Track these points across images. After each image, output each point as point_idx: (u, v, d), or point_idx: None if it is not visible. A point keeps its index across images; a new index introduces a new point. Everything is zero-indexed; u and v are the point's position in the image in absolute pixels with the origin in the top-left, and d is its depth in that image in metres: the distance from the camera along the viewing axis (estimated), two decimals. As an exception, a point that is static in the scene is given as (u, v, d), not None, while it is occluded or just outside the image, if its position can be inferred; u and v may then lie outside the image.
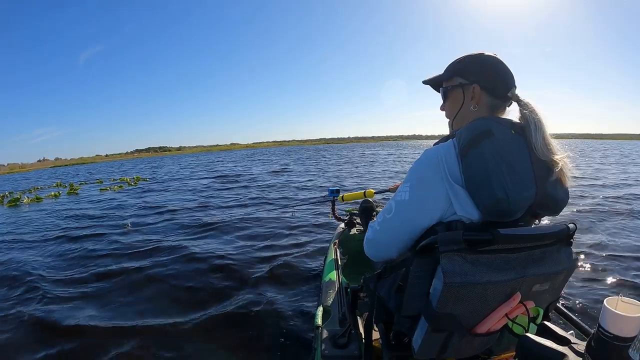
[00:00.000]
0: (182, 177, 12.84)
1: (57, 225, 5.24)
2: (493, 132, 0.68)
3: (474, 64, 0.81)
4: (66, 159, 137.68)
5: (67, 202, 8.27)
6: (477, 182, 0.66)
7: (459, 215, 0.68)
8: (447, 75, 0.86)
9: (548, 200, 0.70)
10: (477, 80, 0.79)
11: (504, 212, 0.66)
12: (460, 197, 0.68)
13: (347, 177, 9.72)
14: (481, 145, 0.66)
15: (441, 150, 0.71)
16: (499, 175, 0.64)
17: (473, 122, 0.72)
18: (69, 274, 2.98)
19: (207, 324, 2.04)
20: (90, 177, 17.22)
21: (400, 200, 0.75)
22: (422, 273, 0.69)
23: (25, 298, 2.52)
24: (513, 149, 0.68)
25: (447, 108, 0.87)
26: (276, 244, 3.53)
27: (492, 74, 0.79)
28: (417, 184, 0.73)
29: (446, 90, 0.86)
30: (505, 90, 0.77)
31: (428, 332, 0.68)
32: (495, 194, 0.64)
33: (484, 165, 0.65)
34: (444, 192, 0.69)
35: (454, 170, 0.68)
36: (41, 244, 4.16)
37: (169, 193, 8.35)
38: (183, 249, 3.39)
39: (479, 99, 0.79)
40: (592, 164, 12.22)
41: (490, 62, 0.80)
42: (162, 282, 2.66)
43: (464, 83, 0.81)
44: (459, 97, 0.82)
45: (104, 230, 4.57)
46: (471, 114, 0.80)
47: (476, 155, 0.66)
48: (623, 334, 0.50)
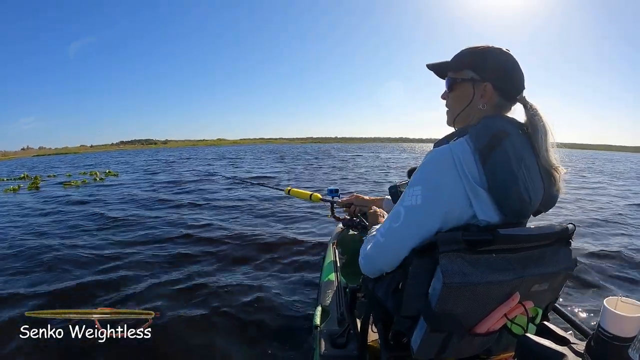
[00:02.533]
0: (154, 171, 12.58)
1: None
2: (509, 132, 0.66)
3: (487, 60, 0.75)
4: (50, 149, 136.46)
5: (19, 198, 7.62)
6: (503, 185, 0.63)
7: (478, 219, 0.66)
8: (456, 65, 0.79)
9: (549, 200, 0.72)
10: (491, 79, 0.74)
11: (525, 214, 0.66)
12: (482, 200, 0.65)
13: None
14: (503, 146, 0.64)
15: (456, 149, 0.67)
16: (523, 177, 0.64)
17: (486, 120, 0.69)
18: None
19: (205, 324, 2.03)
20: (66, 168, 16.52)
21: (410, 205, 0.68)
22: (421, 273, 0.68)
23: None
24: (525, 150, 0.67)
25: (452, 101, 0.82)
26: (275, 244, 3.52)
27: (507, 74, 0.74)
28: (431, 186, 0.67)
29: (454, 82, 0.79)
30: (516, 93, 0.75)
31: (427, 332, 0.67)
32: (522, 197, 0.63)
33: (509, 168, 0.63)
34: (462, 193, 0.65)
35: (473, 171, 0.65)
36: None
37: (138, 189, 7.98)
38: (173, 250, 3.39)
39: (489, 98, 0.75)
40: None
41: (507, 61, 0.75)
42: (162, 282, 2.65)
43: (476, 79, 0.76)
44: (468, 93, 0.77)
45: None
46: (478, 112, 0.76)
47: (500, 156, 0.63)
48: (623, 334, 0.50)
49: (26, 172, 14.55)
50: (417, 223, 0.68)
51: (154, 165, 16.66)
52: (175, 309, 2.22)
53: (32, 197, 7.51)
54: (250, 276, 2.70)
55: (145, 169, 14.11)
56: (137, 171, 13.35)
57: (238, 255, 3.21)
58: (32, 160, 31.16)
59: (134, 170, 13.65)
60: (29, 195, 7.90)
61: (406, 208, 0.69)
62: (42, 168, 18.55)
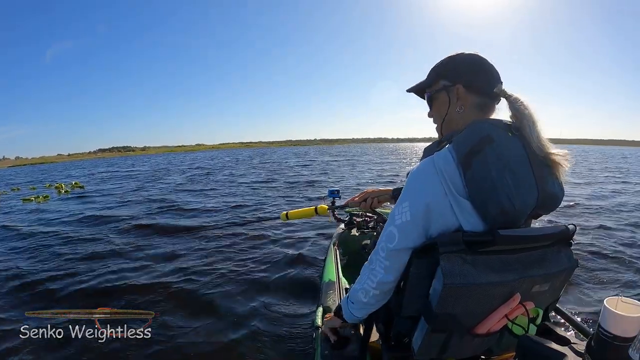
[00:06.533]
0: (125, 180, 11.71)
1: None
2: (493, 138, 0.65)
3: (454, 64, 0.79)
4: (27, 158, 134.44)
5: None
6: (482, 194, 0.63)
7: (464, 230, 0.66)
8: (430, 80, 0.83)
9: (548, 200, 0.69)
10: (460, 80, 0.76)
11: (510, 221, 0.65)
12: (465, 211, 0.65)
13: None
14: (483, 153, 0.63)
15: (438, 161, 0.67)
16: (504, 185, 0.62)
17: (470, 127, 0.68)
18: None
19: (205, 324, 2.04)
20: (34, 180, 15.25)
21: (401, 223, 0.69)
22: (422, 274, 0.68)
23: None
24: (513, 153, 0.65)
25: (435, 114, 0.84)
26: (275, 244, 3.53)
27: (474, 72, 0.76)
28: (417, 201, 0.67)
29: (430, 96, 0.83)
30: (491, 87, 0.74)
31: (428, 333, 0.67)
32: (502, 205, 0.62)
33: (489, 176, 0.62)
34: (447, 205, 0.65)
35: (457, 182, 0.65)
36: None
37: (101, 204, 6.88)
38: (168, 250, 3.39)
39: (464, 99, 0.76)
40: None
41: (471, 59, 0.77)
42: (161, 283, 2.65)
43: (447, 85, 0.78)
44: (445, 101, 0.79)
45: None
46: (459, 116, 0.77)
47: (480, 165, 0.63)
48: (623, 334, 0.50)
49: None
50: (410, 237, 0.69)
51: (123, 174, 15.47)
52: (175, 309, 2.23)
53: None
54: (251, 276, 2.70)
55: (112, 179, 13.06)
56: (104, 181, 12.31)
57: (238, 255, 3.21)
58: (6, 172, 29.70)
59: (102, 181, 12.59)
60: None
61: (398, 227, 0.70)
62: (11, 180, 16.80)
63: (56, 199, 8.30)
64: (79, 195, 8.56)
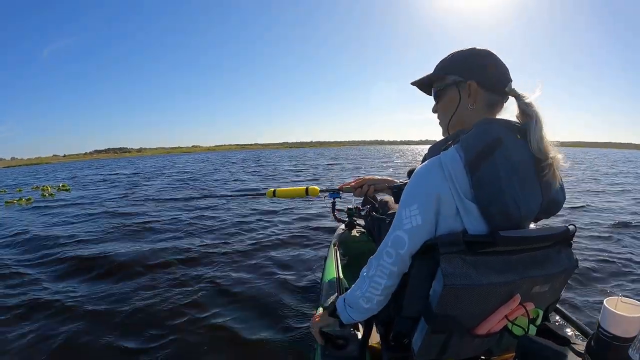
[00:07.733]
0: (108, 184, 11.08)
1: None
2: (503, 141, 0.63)
3: (468, 59, 0.76)
4: (22, 159, 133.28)
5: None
6: (489, 198, 0.62)
7: (468, 232, 0.64)
8: (438, 74, 0.80)
9: (551, 205, 0.70)
10: (474, 76, 0.74)
11: (514, 226, 0.64)
12: (471, 214, 0.64)
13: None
14: (493, 157, 0.62)
15: (446, 161, 0.65)
16: (512, 190, 0.62)
17: (479, 126, 0.66)
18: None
19: (205, 324, 2.03)
20: (25, 181, 15.04)
21: (411, 227, 0.66)
22: (422, 274, 0.68)
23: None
24: (521, 158, 0.65)
25: (441, 110, 0.82)
26: (276, 244, 3.53)
27: (488, 69, 0.74)
28: (427, 203, 0.65)
29: (439, 91, 0.80)
30: (503, 85, 0.73)
31: (428, 333, 0.67)
32: (508, 210, 0.62)
33: (497, 180, 0.61)
34: (454, 208, 0.64)
35: (464, 184, 0.63)
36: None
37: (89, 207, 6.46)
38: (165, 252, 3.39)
39: (476, 96, 0.74)
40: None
41: (485, 55, 0.75)
42: (161, 284, 2.65)
43: (458, 80, 0.76)
44: (455, 97, 0.77)
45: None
46: (469, 113, 0.75)
47: (489, 169, 0.62)
48: (623, 334, 0.50)
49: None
50: (420, 243, 0.67)
51: (114, 177, 14.77)
52: (174, 309, 2.23)
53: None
54: (251, 277, 2.70)
55: (104, 182, 12.50)
56: (95, 184, 11.74)
57: (238, 255, 3.21)
58: (0, 172, 29.06)
59: (92, 183, 12.05)
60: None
61: (408, 232, 0.67)
62: (7, 180, 16.79)
63: (40, 201, 7.80)
64: (45, 205, 7.19)
